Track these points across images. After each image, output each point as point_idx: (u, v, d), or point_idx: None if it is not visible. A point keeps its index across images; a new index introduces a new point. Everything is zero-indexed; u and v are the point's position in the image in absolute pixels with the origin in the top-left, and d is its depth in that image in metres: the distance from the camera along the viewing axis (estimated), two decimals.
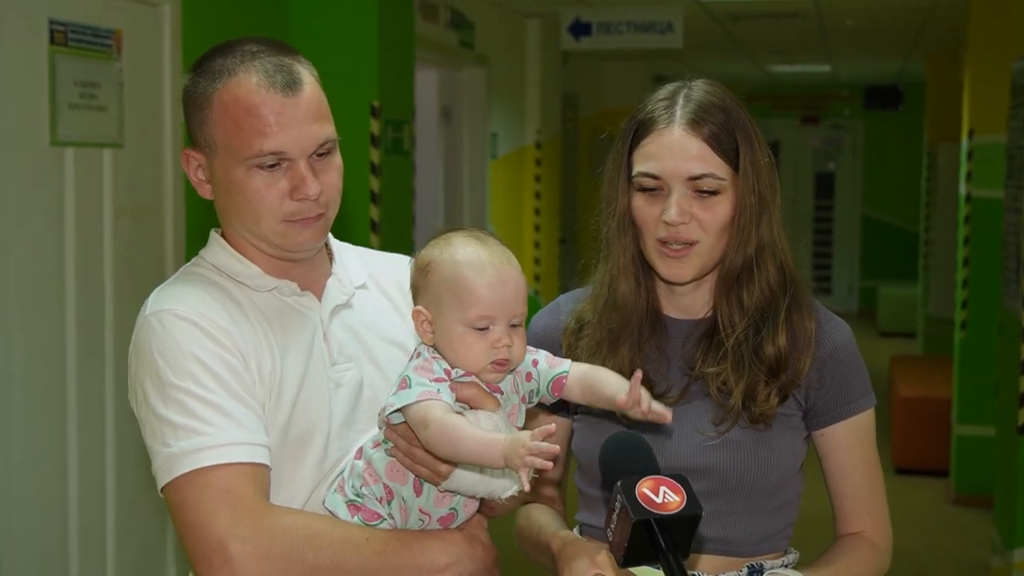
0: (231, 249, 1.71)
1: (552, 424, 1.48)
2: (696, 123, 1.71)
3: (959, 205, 6.62)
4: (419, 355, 1.63)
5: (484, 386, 1.62)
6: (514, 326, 1.60)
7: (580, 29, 7.47)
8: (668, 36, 7.28)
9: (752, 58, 10.74)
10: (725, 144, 1.72)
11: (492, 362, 1.60)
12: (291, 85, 1.63)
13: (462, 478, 1.60)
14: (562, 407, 1.84)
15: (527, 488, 1.44)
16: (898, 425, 7.10)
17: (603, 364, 1.77)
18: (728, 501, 1.75)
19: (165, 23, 3.68)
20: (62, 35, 3.21)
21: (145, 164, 3.60)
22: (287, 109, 1.62)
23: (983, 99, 6.27)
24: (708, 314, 1.82)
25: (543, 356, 1.70)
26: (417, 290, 1.65)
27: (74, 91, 3.27)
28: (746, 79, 13.23)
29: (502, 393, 1.64)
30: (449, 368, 1.60)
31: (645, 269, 1.82)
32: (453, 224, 1.86)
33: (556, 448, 1.42)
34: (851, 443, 1.82)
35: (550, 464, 1.42)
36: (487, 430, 1.56)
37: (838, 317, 1.86)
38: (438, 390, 1.56)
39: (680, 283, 1.79)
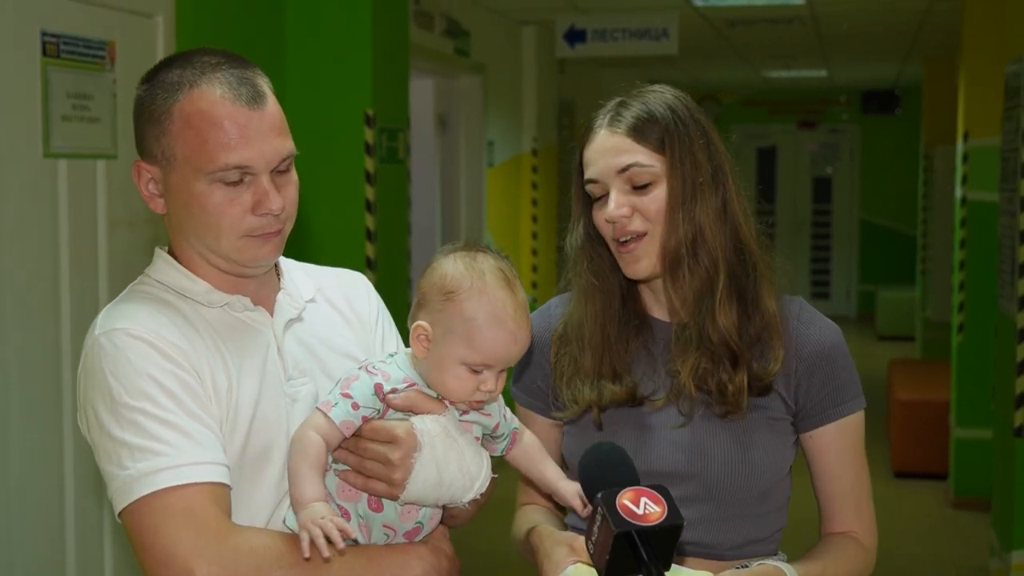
0: (179, 266, 1.68)
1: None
2: (615, 120, 1.79)
3: (955, 208, 6.62)
4: (357, 365, 1.66)
5: (426, 390, 1.63)
6: (501, 371, 1.64)
7: (575, 36, 7.47)
8: (663, 42, 7.29)
9: (748, 63, 10.74)
10: (647, 132, 1.77)
11: (471, 400, 1.63)
12: (255, 98, 1.60)
13: (420, 487, 1.59)
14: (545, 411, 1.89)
15: (307, 554, 1.50)
16: (897, 429, 7.09)
17: (581, 387, 1.81)
18: (715, 506, 1.75)
19: (159, 34, 3.68)
20: (54, 47, 3.21)
21: None
22: (252, 122, 1.58)
23: (978, 102, 6.28)
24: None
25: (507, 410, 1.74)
26: (427, 303, 1.64)
27: (67, 103, 3.26)
28: (743, 85, 13.25)
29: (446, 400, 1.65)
30: (382, 384, 1.61)
31: (621, 283, 1.84)
32: (457, 235, 1.86)
33: (346, 532, 1.51)
34: (842, 445, 1.82)
35: (337, 537, 1.49)
36: (434, 433, 1.59)
37: (828, 319, 1.86)
38: (335, 403, 1.59)
39: (639, 278, 1.81)
